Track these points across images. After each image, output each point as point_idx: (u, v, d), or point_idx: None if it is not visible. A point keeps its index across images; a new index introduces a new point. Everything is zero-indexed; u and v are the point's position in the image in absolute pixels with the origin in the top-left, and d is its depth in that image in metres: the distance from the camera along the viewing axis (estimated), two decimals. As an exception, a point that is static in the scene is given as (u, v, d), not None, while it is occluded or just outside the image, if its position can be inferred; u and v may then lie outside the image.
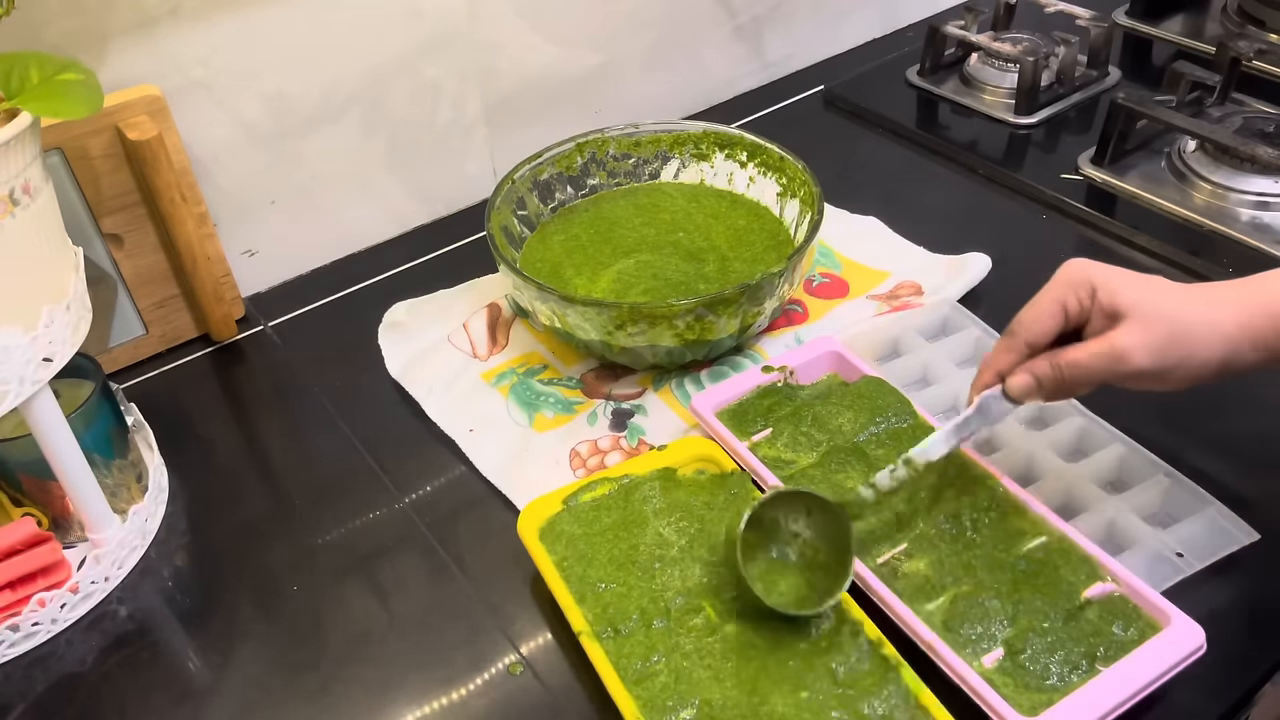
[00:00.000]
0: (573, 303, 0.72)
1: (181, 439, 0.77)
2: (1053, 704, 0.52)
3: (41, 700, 0.61)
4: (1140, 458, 0.66)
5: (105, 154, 0.74)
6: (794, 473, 0.66)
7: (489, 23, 0.91)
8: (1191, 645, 0.54)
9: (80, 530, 0.67)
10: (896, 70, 1.12)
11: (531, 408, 0.77)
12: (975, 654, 0.56)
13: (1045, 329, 0.59)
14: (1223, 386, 0.74)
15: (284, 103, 0.84)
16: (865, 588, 0.59)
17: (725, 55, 1.10)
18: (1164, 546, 0.61)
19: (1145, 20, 1.18)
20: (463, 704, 0.60)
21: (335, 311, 0.89)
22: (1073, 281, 0.58)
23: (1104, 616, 0.56)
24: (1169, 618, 0.55)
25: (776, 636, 0.57)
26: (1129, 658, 0.54)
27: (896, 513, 0.62)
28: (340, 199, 0.92)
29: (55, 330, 0.59)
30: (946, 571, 0.60)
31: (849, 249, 0.88)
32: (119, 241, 0.78)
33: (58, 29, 0.72)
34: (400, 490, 0.72)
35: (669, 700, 0.55)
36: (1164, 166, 0.94)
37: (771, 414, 0.70)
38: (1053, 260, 0.80)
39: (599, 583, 0.61)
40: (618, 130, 0.89)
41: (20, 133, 0.55)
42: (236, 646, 0.63)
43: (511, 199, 0.84)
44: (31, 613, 0.63)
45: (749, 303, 0.72)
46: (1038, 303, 0.59)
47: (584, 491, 0.66)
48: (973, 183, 0.97)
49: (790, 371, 0.73)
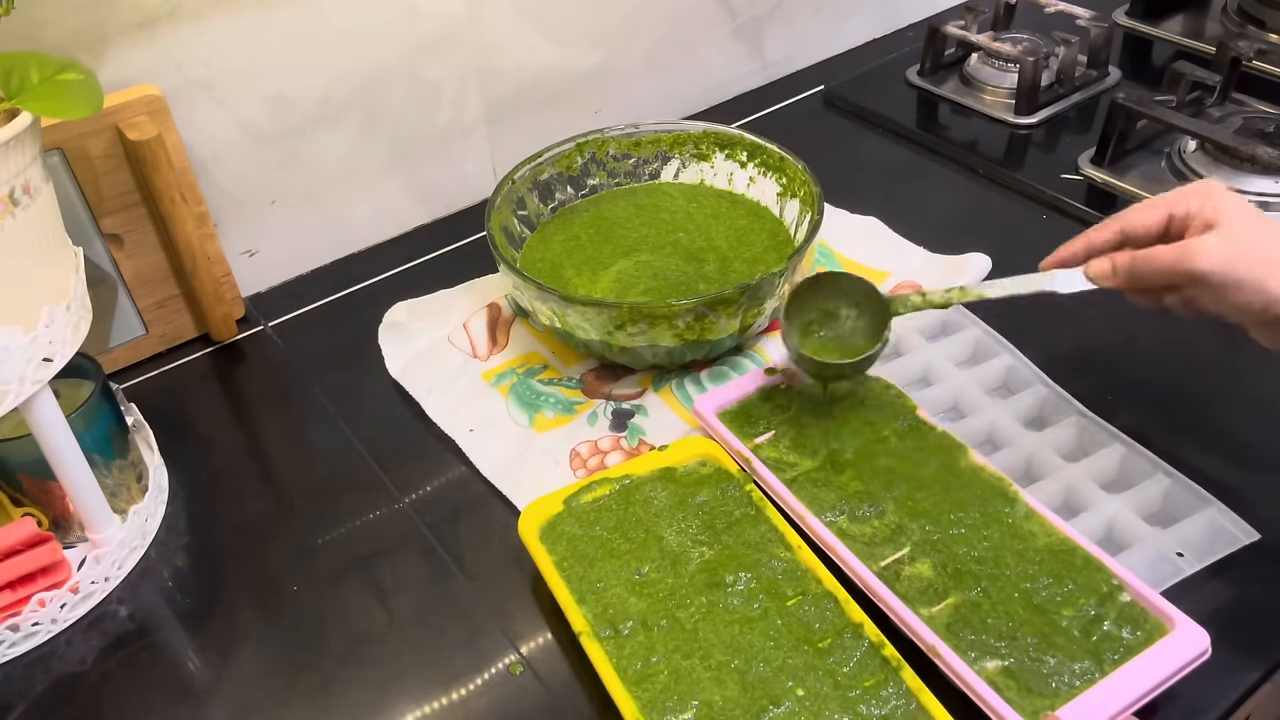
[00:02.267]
0: (573, 303, 0.72)
1: (181, 439, 0.77)
2: (1055, 708, 0.52)
3: (41, 700, 0.61)
4: (1140, 457, 0.66)
5: (105, 154, 0.74)
6: (796, 475, 0.66)
7: (489, 23, 0.91)
8: (1196, 649, 0.54)
9: (80, 530, 0.67)
10: (896, 70, 1.12)
11: (532, 408, 0.77)
12: (979, 657, 0.55)
13: (1145, 221, 0.60)
14: (1221, 385, 0.74)
15: (284, 103, 0.84)
16: (868, 590, 0.59)
17: (725, 55, 1.10)
18: (1164, 546, 0.61)
19: (1145, 20, 1.18)
20: (463, 704, 0.60)
21: (335, 311, 0.89)
22: (1192, 192, 0.59)
23: (1109, 620, 0.56)
24: (1174, 621, 0.55)
25: (777, 637, 0.57)
26: (1133, 662, 0.54)
27: (899, 520, 0.63)
28: (340, 199, 0.92)
29: (55, 330, 0.59)
30: (949, 575, 0.59)
31: (849, 249, 0.88)
32: (119, 241, 0.78)
33: (58, 29, 0.72)
34: (400, 490, 0.72)
35: (669, 700, 0.55)
36: (1164, 166, 0.94)
37: (774, 416, 0.70)
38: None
39: (599, 583, 0.61)
40: (618, 130, 0.89)
41: (20, 133, 0.55)
42: (236, 646, 0.63)
43: (511, 199, 0.84)
44: (31, 613, 0.63)
45: (749, 303, 0.72)
46: (1151, 200, 0.61)
47: (584, 492, 0.66)
48: (973, 183, 0.97)
49: (793, 374, 0.73)
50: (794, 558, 0.61)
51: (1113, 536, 0.63)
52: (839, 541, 0.61)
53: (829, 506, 0.64)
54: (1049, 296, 0.64)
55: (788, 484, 0.65)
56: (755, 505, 0.65)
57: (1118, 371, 0.75)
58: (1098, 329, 0.79)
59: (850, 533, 0.62)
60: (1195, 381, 0.75)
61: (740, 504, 0.65)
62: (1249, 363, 0.75)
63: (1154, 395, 0.74)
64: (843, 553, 0.60)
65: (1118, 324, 0.79)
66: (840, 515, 0.63)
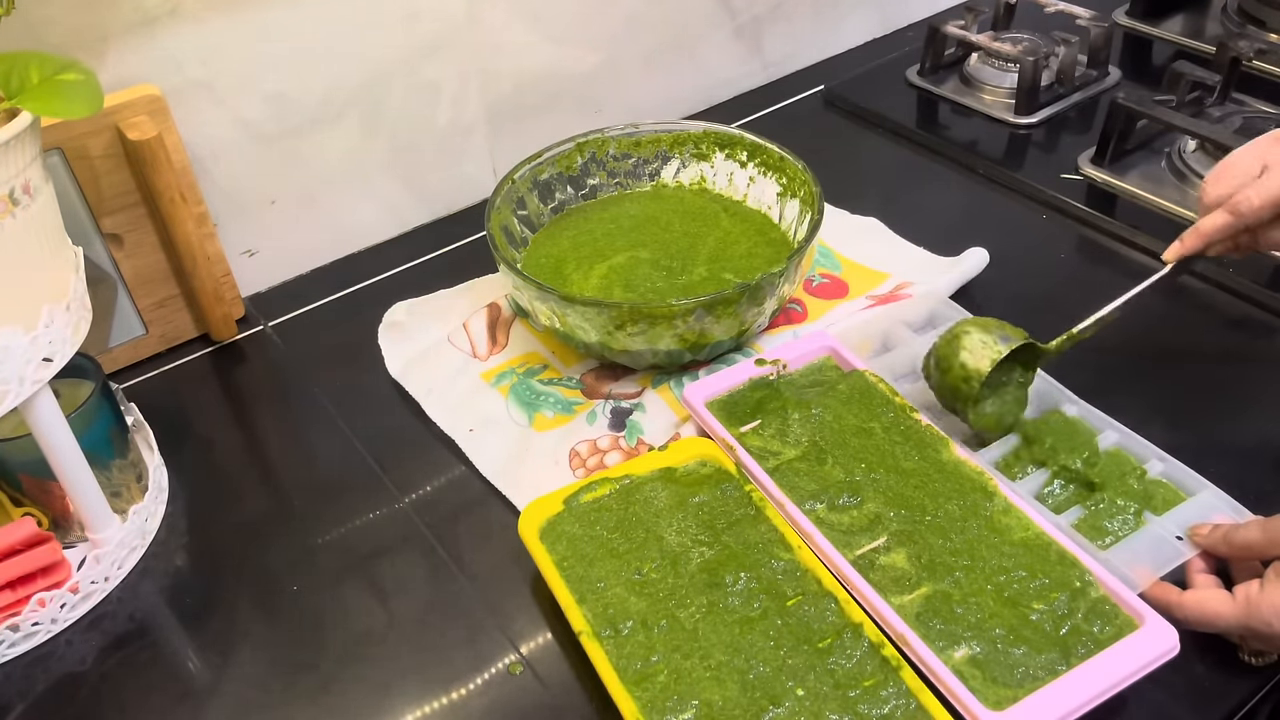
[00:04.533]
0: (573, 303, 0.72)
1: (181, 439, 0.77)
2: (1018, 699, 0.53)
3: (41, 700, 0.61)
4: (1134, 443, 0.67)
5: (105, 154, 0.74)
6: (780, 464, 0.67)
7: (489, 23, 0.91)
8: (1164, 646, 0.54)
9: (80, 530, 0.67)
10: (896, 70, 1.12)
11: (531, 408, 0.77)
12: (946, 646, 0.56)
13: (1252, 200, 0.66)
14: (1214, 373, 0.74)
15: (284, 103, 0.84)
16: (841, 578, 0.60)
17: (725, 55, 1.10)
18: (1164, 530, 0.61)
19: (1145, 20, 1.18)
20: (463, 704, 0.60)
21: (335, 311, 0.89)
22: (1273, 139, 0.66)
23: (1079, 614, 0.56)
24: (1143, 618, 0.56)
25: (777, 637, 0.57)
26: (1099, 656, 0.54)
27: (878, 510, 0.63)
28: (340, 199, 0.92)
29: (55, 330, 0.59)
30: (923, 565, 0.60)
31: (849, 249, 0.88)
32: (119, 241, 0.78)
33: (58, 29, 0.72)
34: (400, 490, 0.72)
35: (669, 700, 0.55)
36: (1164, 166, 0.94)
37: (762, 407, 0.71)
38: (1052, 260, 0.81)
39: (599, 583, 0.61)
40: (618, 130, 0.89)
41: (20, 133, 0.55)
42: (236, 646, 0.63)
43: (511, 199, 0.84)
44: (31, 613, 0.63)
45: (749, 303, 0.72)
46: (1231, 161, 0.68)
47: (584, 492, 0.66)
48: (973, 183, 0.97)
49: (783, 365, 0.73)
50: (794, 558, 0.61)
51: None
52: (816, 529, 0.62)
53: (809, 495, 0.64)
54: None
55: (770, 472, 0.66)
56: (755, 505, 0.65)
57: (1118, 371, 0.75)
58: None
59: (828, 521, 0.63)
60: (1196, 378, 0.75)
61: (740, 504, 0.65)
62: (1248, 359, 0.76)
63: (1148, 387, 0.74)
64: (819, 540, 0.61)
65: (1117, 324, 0.79)
66: (820, 504, 0.64)
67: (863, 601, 0.58)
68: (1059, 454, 0.66)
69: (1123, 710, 0.56)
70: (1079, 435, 0.67)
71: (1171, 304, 0.81)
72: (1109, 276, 0.85)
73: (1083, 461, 0.65)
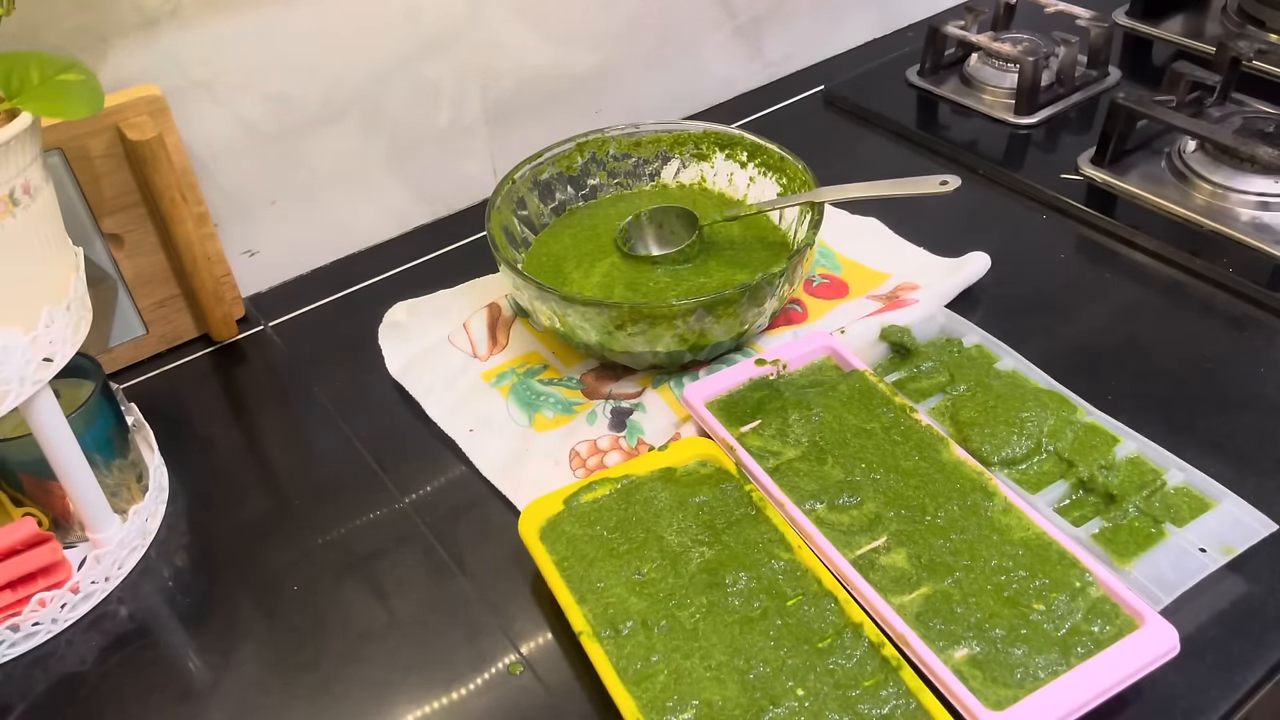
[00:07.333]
0: (573, 303, 0.72)
1: (181, 439, 0.77)
2: (1018, 699, 0.53)
3: (41, 700, 0.61)
4: (1153, 452, 0.66)
5: (105, 154, 0.74)
6: (780, 464, 0.67)
7: (489, 23, 0.91)
8: (1165, 646, 0.54)
9: (80, 530, 0.67)
10: (896, 70, 1.12)
11: (531, 408, 0.77)
12: (946, 646, 0.56)
13: None
14: (1223, 381, 0.74)
15: (284, 102, 0.84)
16: (841, 578, 0.59)
17: (725, 55, 1.10)
18: (1186, 542, 0.61)
19: (1145, 20, 1.18)
20: (463, 704, 0.60)
21: (335, 311, 0.89)
22: None
23: (1080, 614, 0.56)
24: (1144, 618, 0.56)
25: (777, 637, 0.57)
26: (1099, 656, 0.54)
27: (878, 510, 0.63)
28: (340, 199, 0.92)
29: (55, 330, 0.59)
30: (923, 565, 0.60)
31: (849, 249, 0.88)
32: (119, 241, 0.78)
33: (58, 29, 0.72)
34: (400, 490, 0.72)
35: (669, 700, 0.55)
36: (1164, 166, 0.94)
37: (762, 407, 0.71)
38: (1052, 261, 0.81)
39: (599, 583, 0.61)
40: (618, 130, 0.89)
41: (20, 133, 0.55)
42: (236, 646, 0.63)
43: (512, 199, 0.84)
44: (32, 613, 0.63)
45: (749, 303, 0.72)
46: None
47: (585, 492, 0.66)
48: (973, 183, 0.97)
49: (783, 365, 0.73)
50: (794, 558, 0.61)
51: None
52: (816, 529, 0.62)
53: (809, 495, 0.64)
54: None
55: (770, 472, 0.66)
56: (755, 505, 0.65)
57: (1118, 371, 0.75)
58: (1098, 329, 0.79)
59: (828, 521, 0.63)
60: (1196, 378, 0.75)
61: (740, 504, 0.65)
62: (1248, 358, 0.76)
63: (1156, 393, 0.74)
64: (819, 540, 0.61)
65: (1117, 324, 0.80)
66: (820, 504, 0.64)
67: (863, 601, 0.58)
68: (1076, 465, 0.66)
69: (1123, 710, 0.56)
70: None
71: (1172, 304, 0.82)
72: (1109, 276, 0.85)
73: (1101, 471, 0.65)
